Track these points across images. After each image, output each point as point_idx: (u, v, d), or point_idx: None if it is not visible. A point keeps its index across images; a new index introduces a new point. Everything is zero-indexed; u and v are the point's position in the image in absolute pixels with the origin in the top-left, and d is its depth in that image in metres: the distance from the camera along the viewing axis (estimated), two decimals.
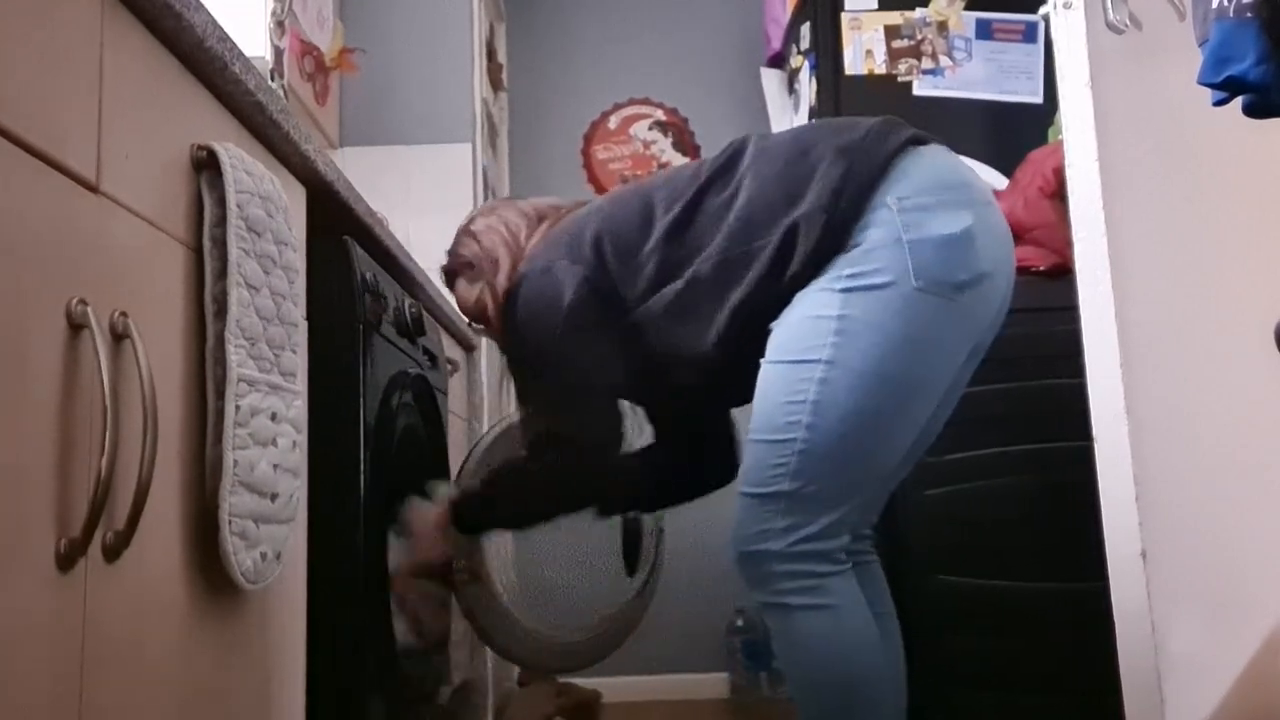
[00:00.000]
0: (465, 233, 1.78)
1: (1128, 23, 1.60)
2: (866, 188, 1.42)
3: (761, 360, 1.47)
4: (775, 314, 1.47)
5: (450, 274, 1.81)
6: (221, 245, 1.04)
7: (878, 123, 1.51)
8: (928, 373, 1.46)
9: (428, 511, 1.71)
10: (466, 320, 1.84)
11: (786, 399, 1.42)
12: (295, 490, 1.16)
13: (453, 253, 1.79)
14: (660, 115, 3.85)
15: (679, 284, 1.52)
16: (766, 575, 1.45)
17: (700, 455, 1.83)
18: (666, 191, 1.57)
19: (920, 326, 1.41)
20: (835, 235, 1.42)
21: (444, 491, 1.77)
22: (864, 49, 2.74)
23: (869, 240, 1.41)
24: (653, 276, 1.53)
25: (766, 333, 1.48)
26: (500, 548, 2.06)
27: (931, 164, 1.48)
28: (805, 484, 1.42)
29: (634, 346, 1.57)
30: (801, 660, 1.47)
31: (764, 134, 1.62)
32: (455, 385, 2.36)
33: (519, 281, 1.62)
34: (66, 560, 0.78)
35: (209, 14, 1.02)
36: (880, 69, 2.74)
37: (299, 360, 1.20)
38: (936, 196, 1.43)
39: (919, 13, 2.75)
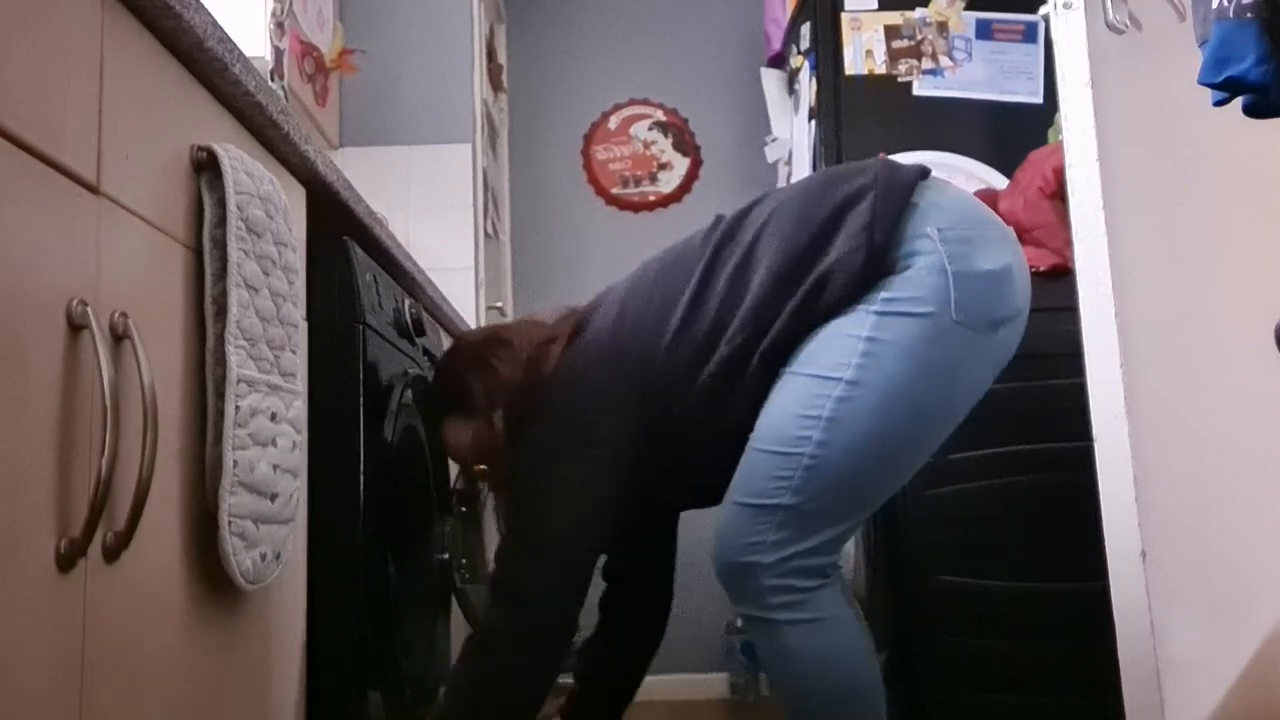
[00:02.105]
0: (450, 360, 1.71)
1: (1128, 23, 1.60)
2: (896, 218, 1.40)
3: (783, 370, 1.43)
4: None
5: (436, 416, 1.72)
6: (221, 246, 1.04)
7: (879, 161, 1.50)
8: (951, 405, 1.45)
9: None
10: (464, 470, 1.75)
11: (801, 411, 1.39)
12: (295, 490, 1.16)
13: (437, 389, 1.71)
14: (660, 115, 3.85)
15: (712, 370, 1.44)
16: (753, 589, 1.41)
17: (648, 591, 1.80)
18: (670, 280, 1.51)
19: (952, 358, 1.40)
20: (876, 265, 1.39)
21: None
22: (864, 49, 2.74)
23: (914, 266, 1.39)
24: (689, 360, 1.46)
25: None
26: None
27: (957, 197, 1.48)
28: (806, 500, 1.38)
29: (669, 446, 1.50)
30: (794, 674, 1.44)
31: (766, 197, 1.54)
32: None
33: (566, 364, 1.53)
34: (66, 560, 0.78)
35: (209, 14, 1.02)
36: (880, 69, 2.73)
37: (299, 360, 1.21)
38: (976, 230, 1.43)
39: (919, 13, 2.75)
